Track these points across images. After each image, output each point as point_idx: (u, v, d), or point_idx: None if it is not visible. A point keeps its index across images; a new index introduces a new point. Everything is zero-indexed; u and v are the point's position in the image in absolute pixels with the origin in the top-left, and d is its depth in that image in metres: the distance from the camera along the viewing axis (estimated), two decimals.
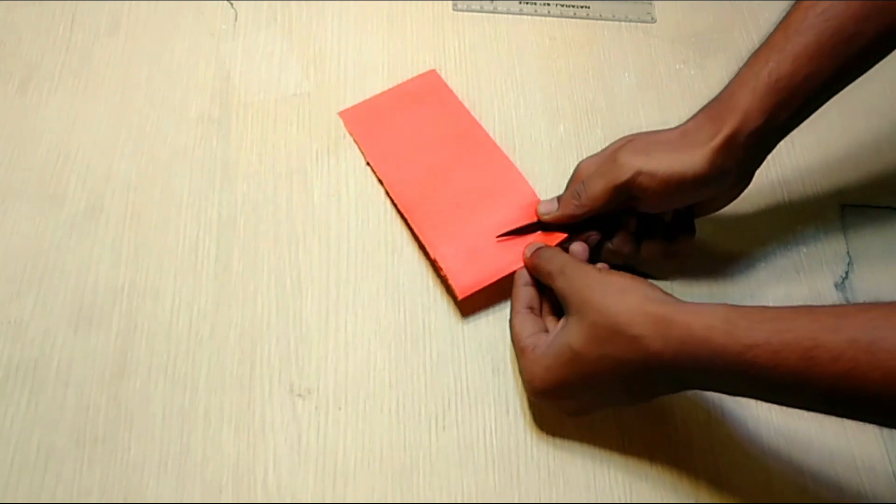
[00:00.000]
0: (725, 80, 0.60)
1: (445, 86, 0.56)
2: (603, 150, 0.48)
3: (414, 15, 0.61)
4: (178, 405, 0.44)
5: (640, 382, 0.39)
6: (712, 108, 0.44)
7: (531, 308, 0.45)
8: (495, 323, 0.48)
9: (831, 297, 0.52)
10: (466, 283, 0.47)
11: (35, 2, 0.57)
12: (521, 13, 0.62)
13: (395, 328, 0.48)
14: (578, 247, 0.47)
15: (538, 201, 0.50)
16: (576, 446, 0.45)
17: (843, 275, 0.53)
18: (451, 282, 0.47)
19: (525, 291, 0.45)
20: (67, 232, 0.48)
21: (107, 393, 0.44)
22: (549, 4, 0.63)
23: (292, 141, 0.54)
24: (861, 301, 0.52)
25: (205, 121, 0.53)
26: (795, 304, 0.51)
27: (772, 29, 0.44)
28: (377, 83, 0.57)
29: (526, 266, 0.47)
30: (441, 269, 0.48)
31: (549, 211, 0.48)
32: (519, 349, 0.43)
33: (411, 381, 0.46)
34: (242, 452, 0.43)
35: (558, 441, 0.45)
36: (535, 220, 0.49)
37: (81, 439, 0.42)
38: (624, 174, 0.44)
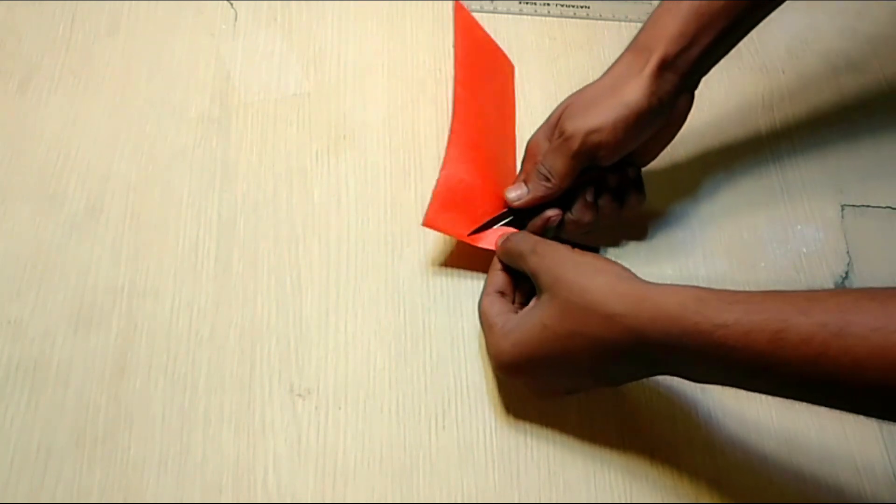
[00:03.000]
0: (725, 80, 0.61)
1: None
2: (547, 121, 0.48)
3: (414, 15, 0.61)
4: (178, 405, 0.44)
5: (608, 362, 0.38)
6: (636, 45, 0.45)
7: (502, 293, 0.45)
8: None
9: None
10: (435, 218, 0.47)
11: (35, 2, 0.57)
12: (520, 13, 0.62)
13: (395, 328, 0.48)
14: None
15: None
16: (576, 446, 0.45)
17: (843, 275, 0.53)
18: (430, 206, 0.47)
19: (498, 276, 0.45)
20: (67, 232, 0.48)
21: (107, 393, 0.44)
22: (549, 4, 0.63)
23: (292, 141, 0.54)
24: None
25: (205, 121, 0.53)
26: None
27: None
28: (377, 83, 0.57)
29: (497, 254, 0.46)
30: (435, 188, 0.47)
31: (520, 196, 0.48)
32: (487, 325, 0.43)
33: (411, 381, 0.46)
34: (242, 452, 0.43)
35: (558, 441, 0.45)
36: (503, 210, 0.49)
37: (81, 439, 0.42)
38: (575, 142, 0.44)
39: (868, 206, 0.56)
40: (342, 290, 0.48)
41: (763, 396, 0.48)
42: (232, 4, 0.59)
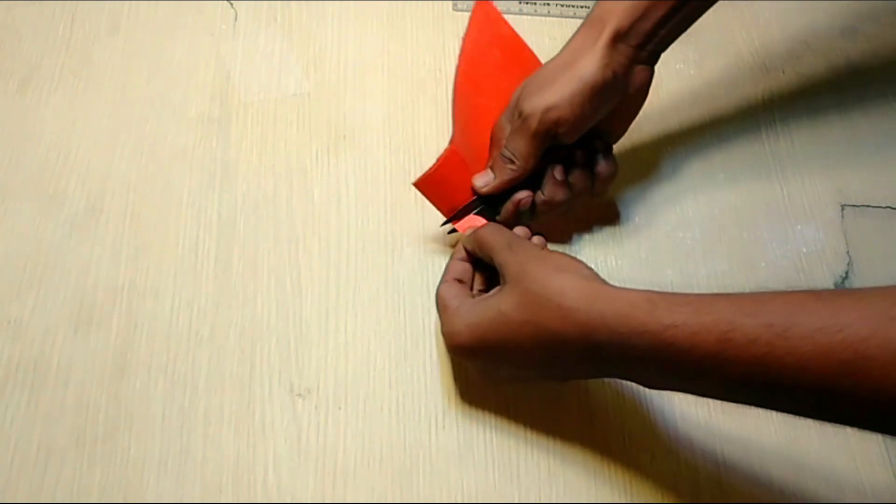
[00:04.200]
0: (726, 80, 0.61)
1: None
2: (508, 106, 0.48)
3: (414, 15, 0.61)
4: (178, 405, 0.44)
5: (557, 355, 0.38)
6: (590, 19, 0.45)
7: (460, 280, 0.45)
8: None
9: None
10: (427, 183, 0.47)
11: (35, 2, 0.57)
12: (520, 13, 0.62)
13: (395, 328, 0.48)
14: (523, 230, 0.47)
15: None
16: (576, 446, 0.45)
17: (843, 275, 0.53)
18: (430, 170, 0.47)
19: (459, 265, 0.45)
20: (67, 232, 0.48)
21: (107, 393, 0.44)
22: (548, 4, 0.63)
23: (292, 141, 0.54)
24: None
25: (205, 121, 0.53)
26: None
27: None
28: (377, 83, 0.57)
29: (466, 242, 0.46)
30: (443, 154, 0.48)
31: (487, 182, 0.48)
32: (442, 307, 0.43)
33: (411, 381, 0.46)
34: (242, 452, 0.43)
35: (558, 441, 0.45)
36: (473, 198, 0.49)
37: (81, 439, 0.42)
38: (534, 121, 0.44)
39: (868, 206, 0.56)
40: (342, 290, 0.48)
41: None
42: (232, 4, 0.59)
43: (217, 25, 0.58)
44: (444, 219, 0.48)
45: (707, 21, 0.64)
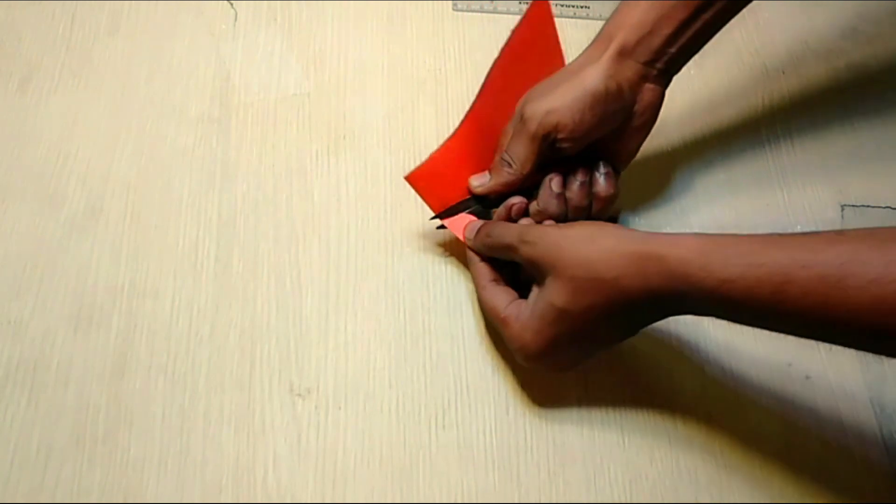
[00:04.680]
0: (726, 81, 0.61)
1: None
2: (515, 113, 0.47)
3: (414, 15, 0.61)
4: (178, 405, 0.44)
5: (626, 319, 0.40)
6: (599, 36, 0.46)
7: (496, 280, 0.45)
8: None
9: None
10: (418, 178, 0.47)
11: (35, 2, 0.57)
12: (520, 13, 0.62)
13: (395, 328, 0.48)
14: (518, 200, 0.46)
15: None
16: (576, 446, 0.45)
17: None
18: (422, 164, 0.47)
19: (483, 267, 0.45)
20: (67, 232, 0.48)
21: (106, 393, 0.44)
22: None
23: (292, 141, 0.54)
24: None
25: (205, 121, 0.53)
26: None
27: None
28: (377, 83, 0.57)
29: (475, 249, 0.46)
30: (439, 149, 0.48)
31: (483, 183, 0.48)
32: (500, 320, 0.42)
33: (411, 381, 0.46)
34: (242, 452, 0.43)
35: (558, 441, 0.45)
36: (468, 196, 0.49)
37: (81, 439, 0.42)
38: (533, 123, 0.44)
39: (868, 207, 0.56)
40: (342, 290, 0.48)
41: (763, 397, 0.48)
42: (232, 4, 0.59)
43: (217, 25, 0.58)
44: (434, 213, 0.48)
45: None
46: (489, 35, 0.60)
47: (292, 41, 0.58)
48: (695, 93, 0.60)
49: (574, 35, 0.62)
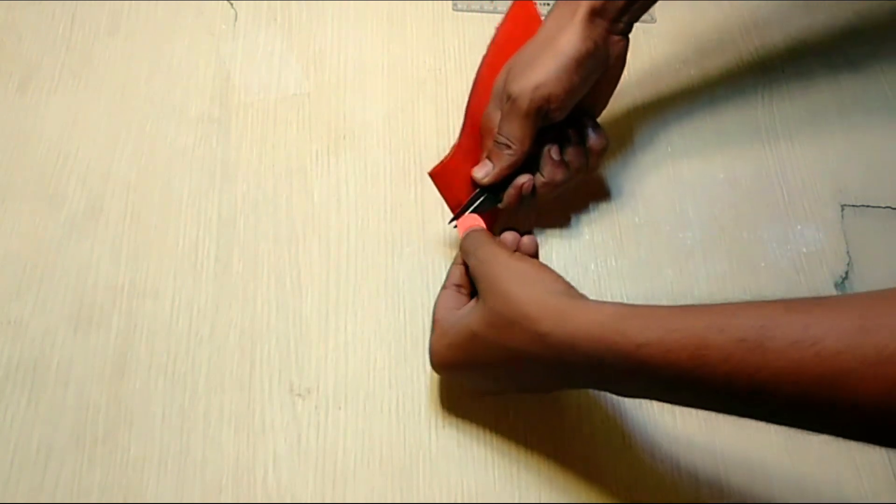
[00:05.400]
0: (726, 80, 0.61)
1: None
2: (494, 92, 0.48)
3: (414, 15, 0.61)
4: (178, 405, 0.44)
5: (529, 373, 0.39)
6: (564, 1, 0.46)
7: (459, 286, 0.44)
8: None
9: None
10: (442, 173, 0.48)
11: (35, 2, 0.57)
12: None
13: (395, 328, 0.48)
14: (510, 236, 0.46)
15: None
16: (576, 447, 0.45)
17: (843, 275, 0.53)
18: (444, 160, 0.48)
19: (457, 270, 0.45)
20: (67, 232, 0.48)
21: (106, 393, 0.44)
22: (548, 4, 0.63)
23: (292, 141, 0.54)
24: None
25: (205, 121, 0.53)
26: None
27: None
28: (377, 83, 0.57)
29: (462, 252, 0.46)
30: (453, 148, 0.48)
31: (487, 172, 0.47)
32: (433, 320, 0.43)
33: (411, 381, 0.46)
34: (242, 452, 0.43)
35: (558, 441, 0.45)
36: (475, 190, 0.49)
37: (81, 439, 0.42)
38: (524, 101, 0.44)
39: (868, 206, 0.56)
40: (342, 290, 0.48)
41: None
42: (232, 4, 0.59)
43: (217, 25, 0.58)
44: (451, 216, 0.48)
45: (707, 21, 0.64)
46: (489, 35, 0.60)
47: (292, 41, 0.58)
48: (695, 92, 0.60)
49: None
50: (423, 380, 0.46)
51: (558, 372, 0.37)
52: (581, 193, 0.54)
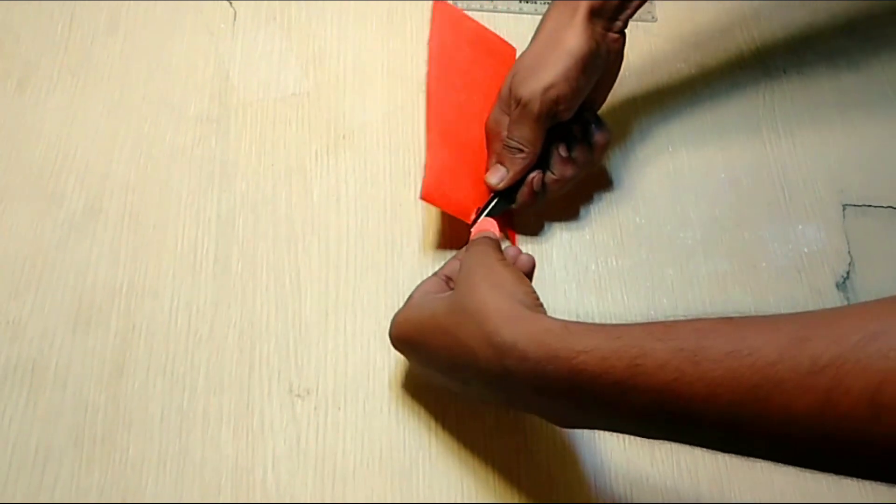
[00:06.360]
0: (726, 80, 0.61)
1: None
2: (499, 98, 0.49)
3: (414, 15, 0.60)
4: (177, 405, 0.44)
5: (468, 370, 0.37)
6: (561, 2, 0.47)
7: (448, 278, 0.44)
8: None
9: (832, 296, 0.52)
10: (432, 192, 0.47)
11: (33, 1, 0.57)
12: (520, 12, 0.62)
13: None
14: (512, 251, 0.45)
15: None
16: (576, 447, 0.45)
17: (845, 274, 0.53)
18: (424, 180, 0.47)
19: (453, 263, 0.45)
20: (66, 232, 0.48)
21: (105, 393, 0.43)
22: (549, 3, 0.63)
23: (291, 141, 0.53)
24: (863, 301, 0.52)
25: (204, 120, 0.53)
26: (797, 304, 0.51)
27: None
28: (377, 83, 0.57)
29: None
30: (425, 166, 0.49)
31: (502, 177, 0.48)
32: (409, 297, 0.43)
33: (411, 381, 0.46)
34: (241, 453, 0.43)
35: (558, 441, 0.45)
36: (490, 195, 0.49)
37: (80, 439, 0.42)
38: (535, 104, 0.45)
39: (869, 206, 0.56)
40: (342, 290, 0.48)
41: None
42: (231, 4, 0.59)
43: (216, 25, 0.58)
44: (450, 216, 0.49)
45: (708, 20, 0.64)
46: None
47: (292, 40, 0.58)
48: (695, 92, 0.60)
49: None
50: (422, 380, 0.46)
51: (497, 377, 0.36)
52: (582, 193, 0.54)
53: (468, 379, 0.38)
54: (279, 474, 0.42)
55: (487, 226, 0.48)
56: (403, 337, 0.42)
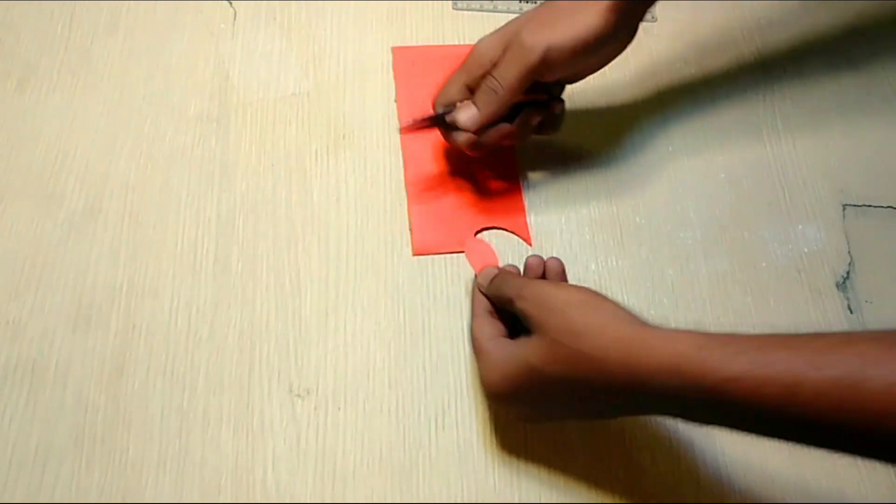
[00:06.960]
0: (726, 80, 0.61)
1: None
2: (502, 30, 0.47)
3: (414, 14, 0.60)
4: (177, 405, 0.44)
5: (600, 403, 0.37)
6: None
7: (490, 312, 0.44)
8: None
9: (832, 296, 0.52)
10: (424, 245, 0.50)
11: (33, 1, 0.57)
12: (520, 12, 0.62)
13: (395, 328, 0.48)
14: (535, 260, 0.45)
15: (525, 226, 0.52)
16: (576, 446, 0.45)
17: (845, 275, 0.53)
18: (412, 237, 0.50)
19: (483, 298, 0.44)
20: (66, 232, 0.48)
21: (105, 393, 0.43)
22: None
23: (291, 140, 0.53)
24: (863, 300, 0.52)
25: (204, 120, 0.53)
26: (797, 304, 0.51)
27: None
28: (377, 83, 0.57)
29: (488, 295, 0.44)
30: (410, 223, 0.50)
31: (471, 117, 0.47)
32: (478, 350, 0.42)
33: (411, 381, 0.46)
34: (241, 453, 0.43)
35: (558, 441, 0.45)
36: (435, 113, 0.49)
37: (80, 439, 0.42)
38: (535, 54, 0.44)
39: (869, 206, 0.56)
40: (342, 290, 0.48)
41: None
42: (231, 4, 0.59)
43: (216, 25, 0.58)
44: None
45: (708, 20, 0.64)
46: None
47: (292, 40, 0.58)
48: (695, 92, 0.60)
49: None
50: (422, 380, 0.46)
51: (629, 403, 0.36)
52: (582, 193, 0.54)
53: (592, 409, 0.39)
54: (279, 474, 0.42)
55: (486, 259, 0.46)
56: (507, 396, 0.40)
